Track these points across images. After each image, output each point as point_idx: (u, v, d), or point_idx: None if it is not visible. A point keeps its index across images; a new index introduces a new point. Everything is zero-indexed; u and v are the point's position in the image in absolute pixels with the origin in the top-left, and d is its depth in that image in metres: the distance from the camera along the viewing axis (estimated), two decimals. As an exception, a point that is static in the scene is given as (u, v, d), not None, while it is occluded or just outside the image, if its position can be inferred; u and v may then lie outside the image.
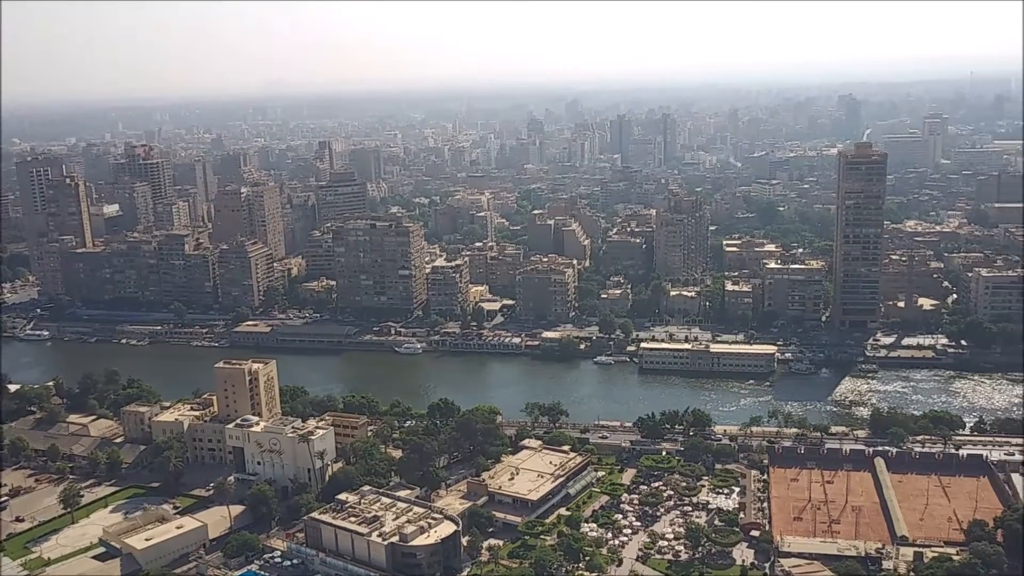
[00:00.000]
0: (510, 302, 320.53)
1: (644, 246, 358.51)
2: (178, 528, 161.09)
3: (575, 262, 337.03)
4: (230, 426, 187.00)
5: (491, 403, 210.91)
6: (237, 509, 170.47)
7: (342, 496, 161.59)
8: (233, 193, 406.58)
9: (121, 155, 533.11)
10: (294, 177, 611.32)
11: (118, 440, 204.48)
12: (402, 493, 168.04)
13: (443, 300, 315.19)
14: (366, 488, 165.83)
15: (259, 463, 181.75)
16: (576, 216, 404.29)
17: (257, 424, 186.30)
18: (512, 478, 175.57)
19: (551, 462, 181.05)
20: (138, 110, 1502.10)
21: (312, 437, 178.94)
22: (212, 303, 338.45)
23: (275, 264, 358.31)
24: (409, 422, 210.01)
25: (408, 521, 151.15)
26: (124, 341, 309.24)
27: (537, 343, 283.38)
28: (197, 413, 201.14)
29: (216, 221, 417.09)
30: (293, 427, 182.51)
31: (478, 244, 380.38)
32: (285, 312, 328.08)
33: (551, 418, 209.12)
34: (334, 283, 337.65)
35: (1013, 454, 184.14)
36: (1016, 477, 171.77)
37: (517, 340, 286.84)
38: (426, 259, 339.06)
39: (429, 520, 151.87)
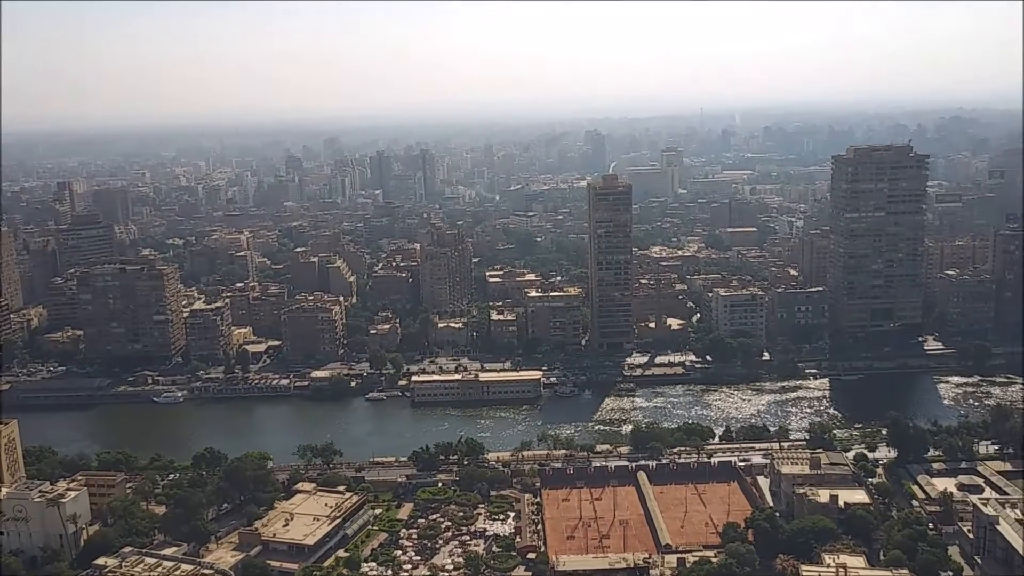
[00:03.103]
0: (276, 343, 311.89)
1: (410, 280, 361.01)
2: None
3: (341, 299, 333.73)
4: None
5: (261, 449, 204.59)
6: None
7: (100, 561, 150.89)
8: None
9: None
10: (30, 221, 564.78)
11: None
12: (168, 551, 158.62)
13: (204, 345, 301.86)
14: (127, 550, 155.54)
15: (2, 533, 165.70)
16: (340, 253, 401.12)
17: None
18: (287, 524, 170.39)
19: (327, 504, 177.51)
20: None
21: (62, 500, 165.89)
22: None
23: (12, 315, 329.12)
24: (172, 475, 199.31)
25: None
26: None
27: (307, 383, 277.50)
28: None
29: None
30: (40, 491, 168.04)
31: (239, 285, 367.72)
32: (26, 367, 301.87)
33: (325, 459, 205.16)
34: (81, 333, 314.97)
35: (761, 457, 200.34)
36: (761, 479, 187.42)
37: (285, 382, 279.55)
38: (183, 303, 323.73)
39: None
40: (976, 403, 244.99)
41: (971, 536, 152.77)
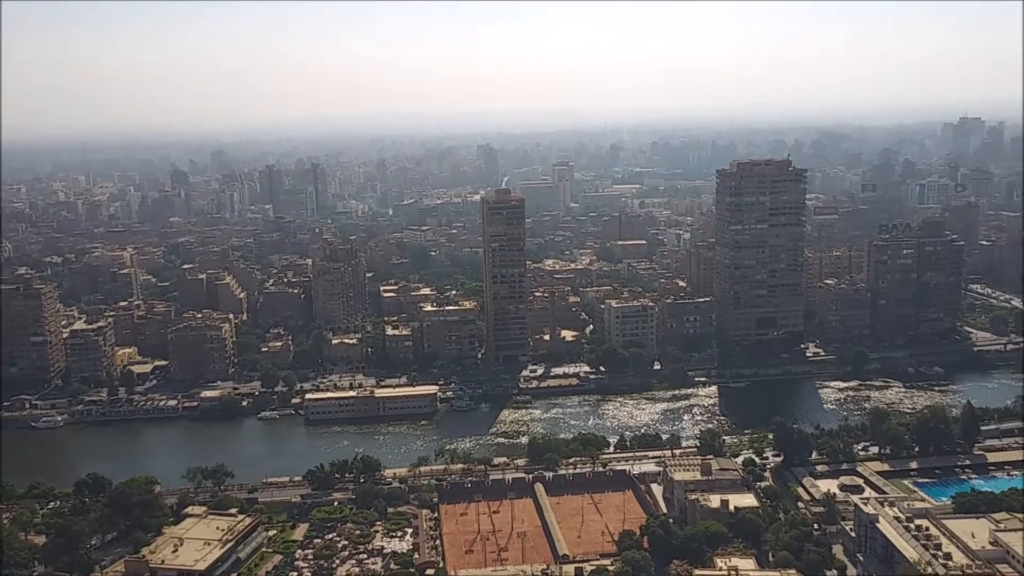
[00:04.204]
0: (163, 363, 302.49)
1: (302, 296, 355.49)
2: None
3: (231, 316, 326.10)
4: None
5: (148, 472, 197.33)
6: None
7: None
8: None
9: None
10: None
11: None
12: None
13: (85, 366, 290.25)
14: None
15: None
16: (230, 269, 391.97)
17: None
18: (176, 550, 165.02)
19: (218, 527, 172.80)
20: None
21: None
22: None
23: None
24: (53, 503, 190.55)
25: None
26: None
27: (196, 404, 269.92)
28: None
29: None
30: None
31: (123, 303, 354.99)
32: None
33: (215, 481, 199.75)
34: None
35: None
36: (655, 487, 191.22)
37: (173, 402, 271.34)
38: (62, 323, 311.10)
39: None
40: (855, 407, 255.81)
41: (853, 535, 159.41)
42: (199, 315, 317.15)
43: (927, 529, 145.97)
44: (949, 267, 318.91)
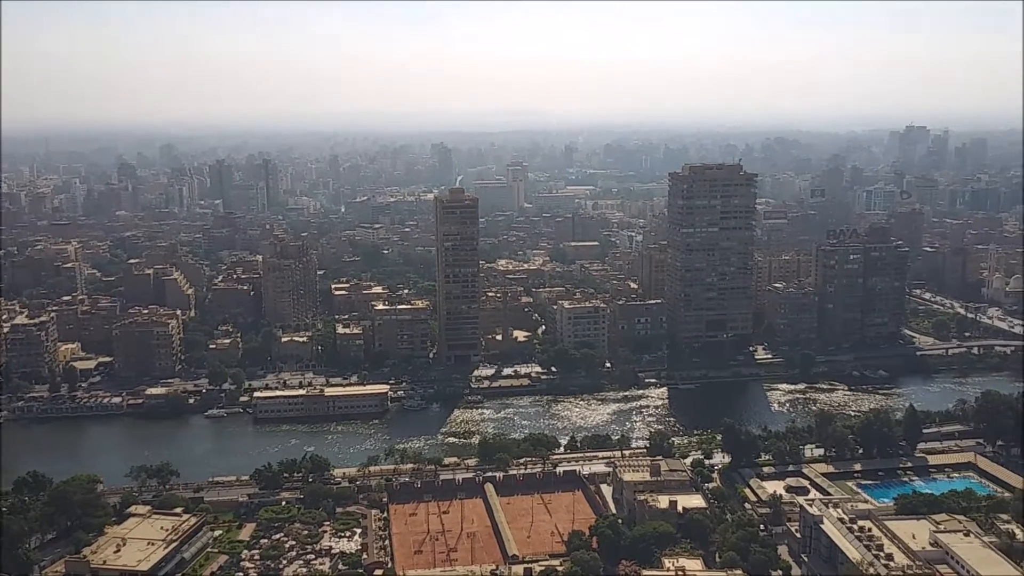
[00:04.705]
0: (108, 359, 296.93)
1: (252, 293, 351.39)
2: None
3: (179, 312, 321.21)
4: None
5: (90, 471, 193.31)
6: None
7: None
8: None
9: None
10: None
11: None
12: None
13: (26, 361, 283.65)
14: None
15: None
16: (178, 264, 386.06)
17: None
18: (118, 550, 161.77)
19: (162, 527, 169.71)
20: None
21: None
22: None
23: None
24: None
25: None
26: None
27: (141, 401, 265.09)
28: None
29: None
30: None
31: (66, 298, 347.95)
32: None
33: (160, 480, 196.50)
34: None
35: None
36: (604, 487, 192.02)
37: (117, 399, 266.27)
38: (3, 317, 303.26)
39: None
40: (802, 409, 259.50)
41: (798, 535, 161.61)
42: (145, 311, 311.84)
43: (870, 530, 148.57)
44: (894, 273, 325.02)
